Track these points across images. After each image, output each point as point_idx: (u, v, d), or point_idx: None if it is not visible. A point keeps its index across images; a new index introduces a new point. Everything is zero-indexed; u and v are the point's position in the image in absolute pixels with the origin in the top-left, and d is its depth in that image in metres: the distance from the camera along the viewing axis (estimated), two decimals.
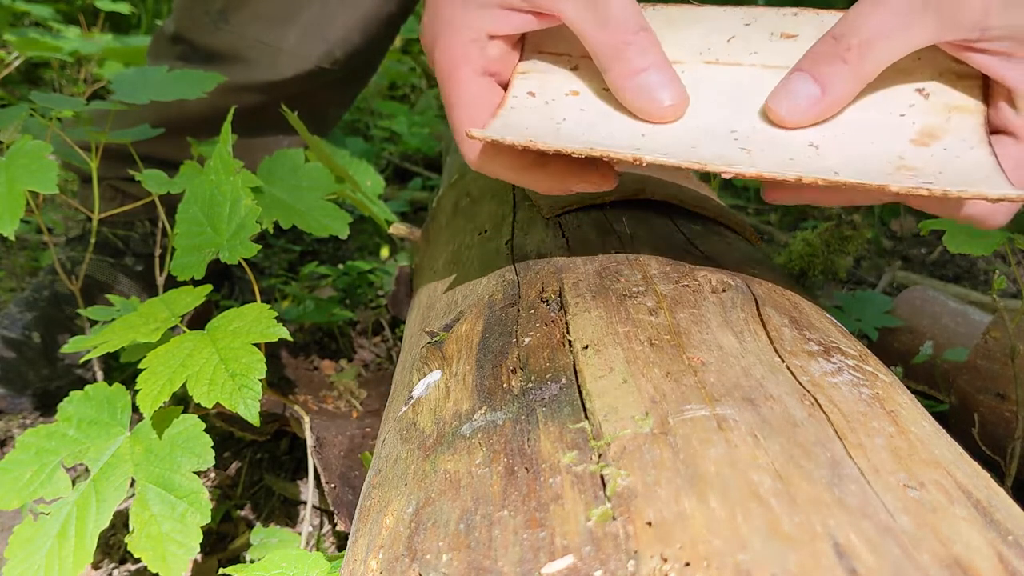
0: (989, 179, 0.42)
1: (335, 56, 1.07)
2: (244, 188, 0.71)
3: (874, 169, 0.44)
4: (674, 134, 0.48)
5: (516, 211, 0.68)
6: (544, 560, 0.30)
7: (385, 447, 0.47)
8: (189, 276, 0.71)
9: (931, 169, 0.43)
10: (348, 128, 2.12)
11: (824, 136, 0.47)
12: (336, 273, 1.36)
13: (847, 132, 0.47)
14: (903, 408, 0.38)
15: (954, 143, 0.45)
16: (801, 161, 0.45)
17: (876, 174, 0.43)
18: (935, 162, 0.44)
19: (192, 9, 1.07)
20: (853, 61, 0.45)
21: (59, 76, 2.14)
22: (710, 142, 0.47)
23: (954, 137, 0.46)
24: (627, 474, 0.32)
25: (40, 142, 0.75)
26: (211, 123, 0.92)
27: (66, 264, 1.10)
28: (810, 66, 0.47)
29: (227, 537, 0.87)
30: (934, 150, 0.45)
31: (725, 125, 0.48)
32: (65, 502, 0.61)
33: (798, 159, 0.45)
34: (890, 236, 1.78)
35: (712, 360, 0.40)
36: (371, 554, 0.37)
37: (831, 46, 0.46)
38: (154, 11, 2.56)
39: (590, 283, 0.50)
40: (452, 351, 0.49)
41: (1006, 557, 0.28)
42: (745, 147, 0.46)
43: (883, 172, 0.43)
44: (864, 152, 0.45)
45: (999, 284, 0.75)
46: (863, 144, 0.46)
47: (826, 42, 0.47)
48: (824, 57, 0.47)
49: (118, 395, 0.66)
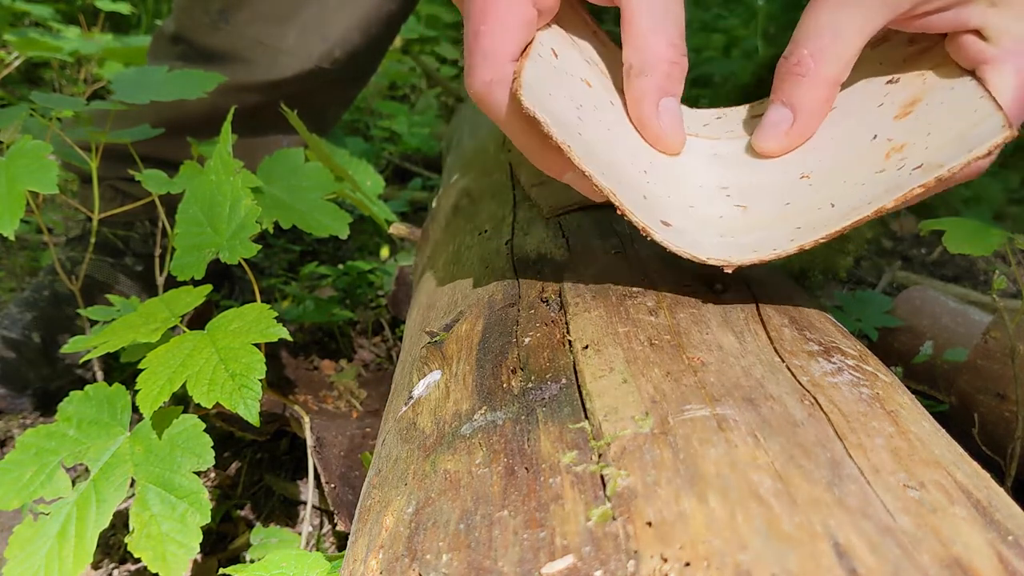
0: (978, 112, 0.42)
1: (335, 56, 1.08)
2: (244, 188, 0.71)
3: (866, 179, 0.43)
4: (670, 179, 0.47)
5: (516, 211, 0.68)
6: (544, 560, 0.30)
7: (385, 447, 0.47)
8: (189, 276, 0.71)
9: (920, 134, 0.43)
10: (348, 128, 2.12)
11: (814, 161, 0.46)
12: (336, 273, 1.36)
13: (834, 148, 0.46)
14: (903, 408, 0.38)
15: (935, 92, 0.45)
16: (798, 204, 0.44)
17: (869, 188, 0.42)
18: (922, 124, 0.44)
19: (192, 9, 1.07)
20: (811, 71, 0.45)
21: (59, 76, 2.14)
22: (705, 203, 0.46)
23: (933, 88, 0.45)
24: (627, 474, 0.32)
25: (40, 142, 0.75)
26: (211, 123, 0.92)
27: (66, 264, 1.10)
28: (776, 94, 0.47)
29: (227, 537, 0.87)
30: (918, 111, 0.45)
31: (716, 182, 0.48)
32: (65, 502, 0.61)
33: (795, 201, 0.45)
34: (890, 236, 1.78)
35: (712, 360, 0.40)
36: (371, 554, 0.37)
37: (784, 67, 0.46)
38: (154, 11, 2.56)
39: (590, 283, 0.50)
40: (452, 351, 0.49)
41: (1006, 557, 0.28)
42: (740, 203, 0.46)
43: (874, 181, 0.43)
44: (853, 159, 0.45)
45: (999, 284, 0.75)
46: (851, 152, 0.45)
47: (780, 65, 0.47)
48: (783, 79, 0.46)
49: (118, 395, 0.66)
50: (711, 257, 0.43)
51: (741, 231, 0.44)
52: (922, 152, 0.42)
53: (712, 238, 0.44)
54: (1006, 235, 0.71)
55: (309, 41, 1.06)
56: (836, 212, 0.43)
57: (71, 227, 1.47)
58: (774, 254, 0.42)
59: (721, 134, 0.51)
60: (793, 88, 0.46)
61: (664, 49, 0.46)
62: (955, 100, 0.44)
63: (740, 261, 0.43)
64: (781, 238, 0.43)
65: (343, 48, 1.08)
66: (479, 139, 1.08)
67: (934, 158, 0.41)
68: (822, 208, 0.43)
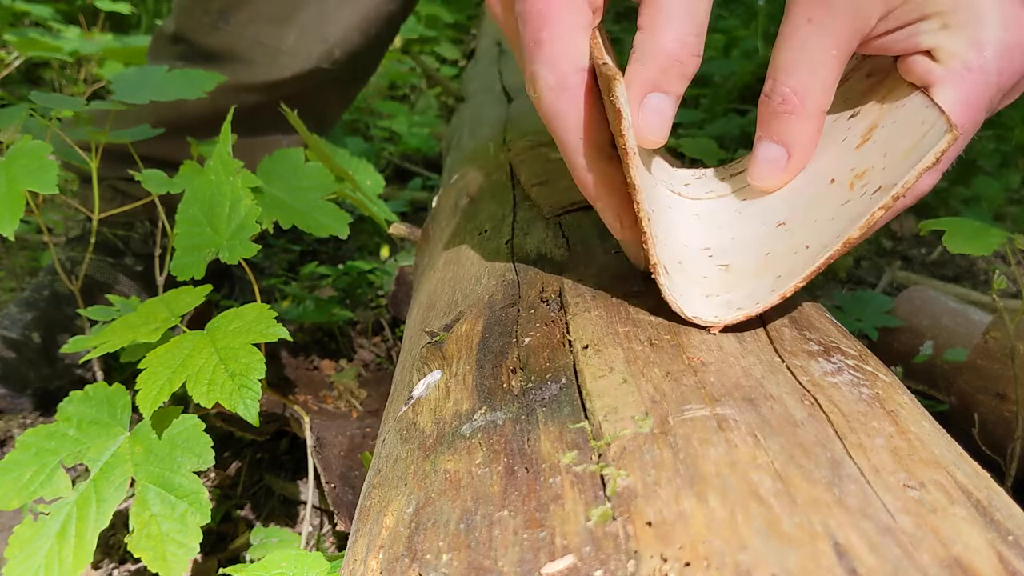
0: (925, 123, 0.42)
1: (335, 56, 1.08)
2: (244, 188, 0.71)
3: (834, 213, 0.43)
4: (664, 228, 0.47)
5: (516, 211, 0.68)
6: (544, 560, 0.30)
7: (385, 447, 0.47)
8: (189, 276, 0.71)
9: (877, 156, 0.43)
10: (348, 128, 2.12)
11: (789, 207, 0.46)
12: (336, 273, 1.36)
13: (806, 189, 0.46)
14: (903, 408, 0.38)
15: (889, 114, 0.45)
16: (776, 252, 0.44)
17: (837, 223, 0.42)
18: (879, 147, 0.44)
19: (192, 9, 1.07)
20: (798, 108, 0.45)
21: (59, 76, 2.14)
22: (690, 262, 0.46)
23: (887, 111, 0.45)
24: (627, 474, 0.32)
25: (40, 142, 0.75)
26: (211, 123, 0.92)
27: (66, 264, 1.10)
28: (765, 132, 0.46)
29: (227, 537, 0.87)
30: (875, 135, 0.45)
31: (699, 243, 0.48)
32: (65, 502, 0.61)
33: (773, 250, 0.45)
34: (890, 236, 1.78)
35: (712, 360, 0.40)
36: (371, 554, 0.37)
37: (769, 107, 0.45)
38: (154, 11, 2.56)
39: (590, 283, 0.50)
40: (452, 351, 0.49)
41: (1006, 557, 0.28)
42: (722, 263, 0.46)
43: (841, 214, 0.43)
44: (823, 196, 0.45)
45: (999, 284, 0.75)
46: (820, 191, 0.45)
47: (763, 105, 0.46)
48: (771, 118, 0.46)
49: (118, 395, 0.66)
50: (697, 316, 0.43)
51: (725, 289, 0.45)
52: (880, 174, 0.42)
53: (699, 297, 0.44)
54: (1006, 235, 0.71)
55: (309, 41, 1.06)
56: (810, 253, 0.43)
57: (71, 227, 1.47)
58: (758, 308, 0.43)
59: (701, 195, 0.51)
60: (784, 126, 0.45)
61: (669, 42, 0.44)
62: (905, 117, 0.44)
63: (725, 320, 0.43)
64: (763, 290, 0.43)
65: (343, 48, 1.08)
66: (479, 139, 1.08)
67: (890, 178, 0.41)
68: (798, 252, 0.43)
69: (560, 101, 0.45)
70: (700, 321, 0.43)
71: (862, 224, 0.41)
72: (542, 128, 0.52)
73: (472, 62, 2.07)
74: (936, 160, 0.40)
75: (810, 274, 0.42)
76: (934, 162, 0.40)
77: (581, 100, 0.45)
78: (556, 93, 0.45)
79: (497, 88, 1.41)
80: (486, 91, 1.46)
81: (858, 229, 0.41)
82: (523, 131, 0.93)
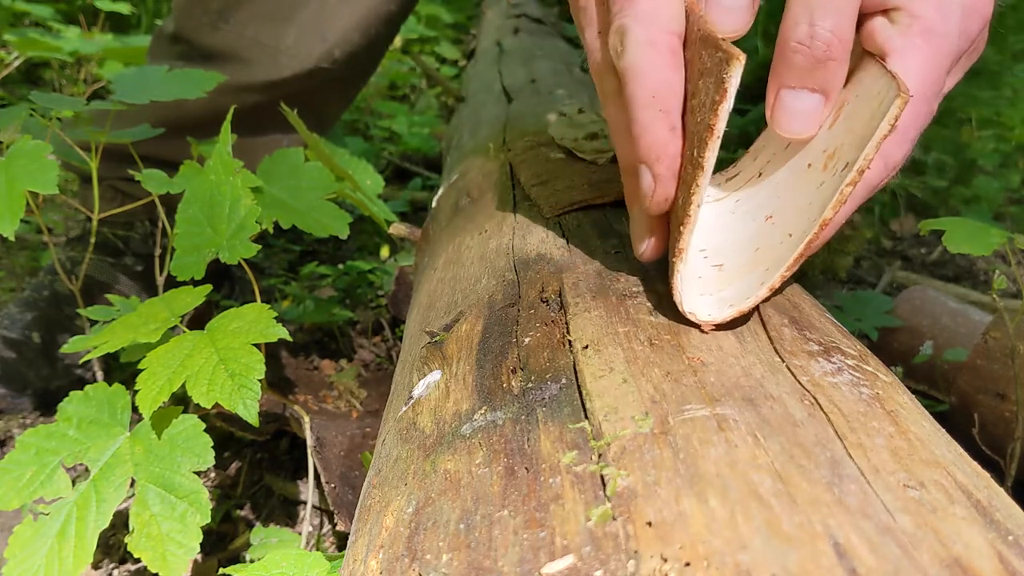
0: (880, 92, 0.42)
1: (334, 56, 1.08)
2: (244, 188, 0.71)
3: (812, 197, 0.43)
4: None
5: (516, 211, 0.68)
6: (544, 560, 0.30)
7: (385, 447, 0.47)
8: (189, 276, 0.71)
9: (845, 134, 0.43)
10: (348, 128, 2.12)
11: (775, 200, 0.46)
12: (336, 273, 1.36)
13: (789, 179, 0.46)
14: (903, 408, 0.38)
15: (852, 90, 0.45)
16: (764, 245, 0.45)
17: (816, 206, 0.42)
18: (847, 123, 0.43)
19: (191, 9, 1.07)
20: (840, 52, 0.44)
21: (59, 76, 2.14)
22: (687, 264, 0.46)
23: (851, 87, 0.45)
24: (627, 474, 0.32)
25: (40, 142, 0.75)
26: (211, 123, 0.92)
27: (66, 264, 1.10)
28: (800, 80, 0.45)
29: (227, 537, 0.87)
30: (844, 113, 0.44)
31: (694, 245, 0.48)
32: (65, 502, 0.61)
33: (762, 244, 0.45)
34: (890, 236, 1.78)
35: (712, 360, 0.40)
36: (371, 554, 0.37)
37: (808, 54, 0.44)
38: (154, 11, 2.56)
39: (590, 283, 0.50)
40: (452, 351, 0.49)
41: (1006, 557, 0.28)
42: (716, 263, 0.46)
43: (818, 197, 0.43)
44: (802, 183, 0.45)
45: (999, 284, 0.75)
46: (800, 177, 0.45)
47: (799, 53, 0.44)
48: (811, 65, 0.44)
49: (118, 395, 0.66)
50: (692, 312, 0.43)
51: (719, 287, 0.45)
52: (847, 151, 0.42)
53: (695, 296, 0.44)
54: (1006, 235, 0.71)
55: (309, 41, 1.06)
56: (793, 242, 0.43)
57: (71, 227, 1.47)
58: (748, 303, 0.43)
59: None
60: (824, 73, 0.44)
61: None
62: (864, 89, 0.44)
63: (720, 318, 0.43)
64: (753, 284, 0.44)
65: (343, 48, 1.08)
66: (479, 139, 1.08)
67: (855, 153, 0.41)
68: (783, 242, 0.44)
69: (645, 57, 0.45)
70: (694, 318, 0.43)
71: (833, 203, 0.41)
72: (542, 128, 0.53)
73: (472, 62, 2.07)
74: (891, 127, 0.40)
75: (794, 261, 0.42)
76: (889, 130, 0.40)
77: (666, 62, 0.45)
78: (643, 49, 0.45)
79: (497, 88, 1.41)
80: (486, 91, 1.46)
81: (831, 209, 0.41)
82: (523, 131, 0.93)
